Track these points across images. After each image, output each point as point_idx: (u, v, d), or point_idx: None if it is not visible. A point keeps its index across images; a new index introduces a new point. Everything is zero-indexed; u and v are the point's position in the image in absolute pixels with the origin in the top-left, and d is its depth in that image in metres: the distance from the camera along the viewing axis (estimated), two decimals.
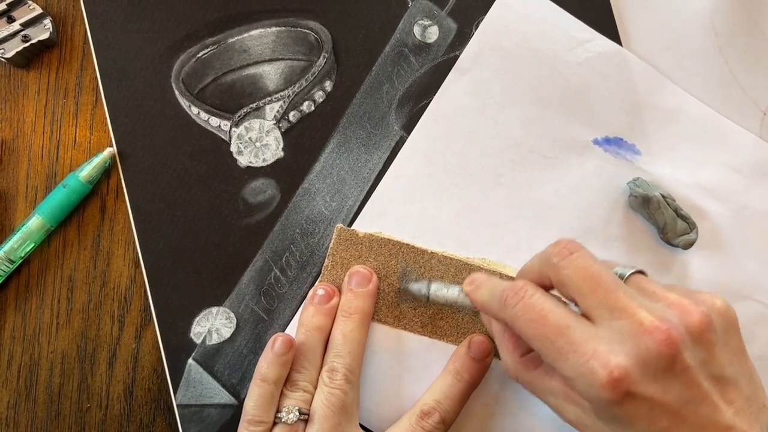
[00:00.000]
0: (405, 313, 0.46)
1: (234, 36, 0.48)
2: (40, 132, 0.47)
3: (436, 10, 0.48)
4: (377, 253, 0.46)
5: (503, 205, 0.47)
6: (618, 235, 0.47)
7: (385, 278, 0.46)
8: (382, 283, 0.46)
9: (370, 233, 0.46)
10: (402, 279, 0.46)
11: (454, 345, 0.46)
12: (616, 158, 0.47)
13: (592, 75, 0.47)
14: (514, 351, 0.39)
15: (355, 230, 0.47)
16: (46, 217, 0.45)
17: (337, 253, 0.46)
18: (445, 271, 0.46)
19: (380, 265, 0.46)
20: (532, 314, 0.35)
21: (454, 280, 0.46)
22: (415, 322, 0.46)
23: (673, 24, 0.48)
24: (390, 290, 0.46)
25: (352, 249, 0.46)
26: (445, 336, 0.46)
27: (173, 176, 0.47)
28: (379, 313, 0.46)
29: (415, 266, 0.46)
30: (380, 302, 0.46)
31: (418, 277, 0.46)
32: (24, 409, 0.47)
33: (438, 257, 0.46)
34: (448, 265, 0.46)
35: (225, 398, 0.46)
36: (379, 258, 0.46)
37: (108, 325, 0.47)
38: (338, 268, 0.46)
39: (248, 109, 0.47)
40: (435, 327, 0.46)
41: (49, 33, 0.46)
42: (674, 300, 0.34)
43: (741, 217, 0.47)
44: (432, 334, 0.46)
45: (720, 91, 0.48)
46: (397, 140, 0.47)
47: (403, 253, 0.46)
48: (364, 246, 0.46)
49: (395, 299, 0.46)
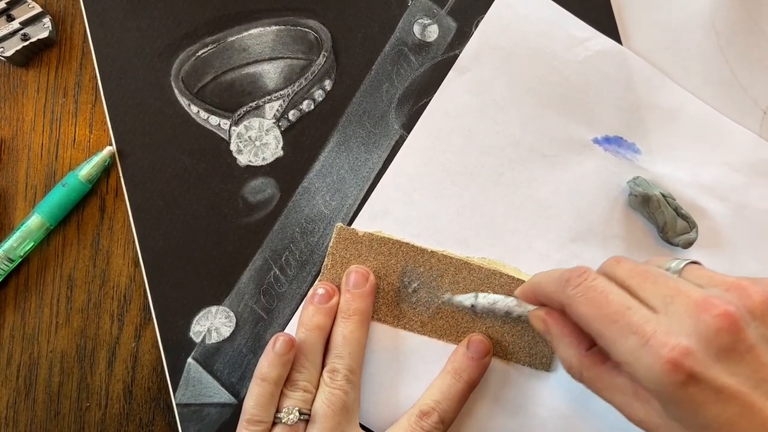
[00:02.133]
0: (405, 313, 0.46)
1: (234, 35, 0.48)
2: (39, 131, 0.47)
3: (435, 9, 0.48)
4: (377, 252, 0.46)
5: (503, 204, 0.47)
6: (618, 234, 0.47)
7: (385, 277, 0.46)
8: (381, 282, 0.46)
9: (369, 232, 0.46)
10: (402, 278, 0.46)
11: (454, 344, 0.46)
12: (615, 157, 0.47)
13: (592, 74, 0.47)
14: (579, 345, 0.38)
15: (354, 229, 0.46)
16: (46, 216, 0.45)
17: (337, 252, 0.46)
18: (445, 270, 0.46)
19: (380, 265, 0.46)
20: (593, 294, 0.34)
21: (453, 279, 0.46)
22: (414, 321, 0.46)
23: (674, 23, 0.48)
24: (390, 289, 0.46)
25: (351, 248, 0.46)
26: (444, 335, 0.46)
27: (173, 175, 0.47)
28: (379, 312, 0.46)
29: (415, 265, 0.46)
30: (380, 301, 0.46)
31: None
32: (23, 408, 0.46)
33: (438, 256, 0.46)
34: (448, 264, 0.46)
35: (224, 397, 0.46)
36: (379, 257, 0.46)
37: (107, 324, 0.47)
38: (338, 267, 0.46)
39: (248, 108, 0.47)
40: (435, 326, 0.46)
41: (48, 32, 0.46)
42: (732, 282, 0.33)
43: (741, 216, 0.47)
44: (431, 334, 0.46)
45: (720, 90, 0.48)
46: (396, 139, 0.47)
47: (403, 252, 0.46)
48: (363, 245, 0.46)
49: (395, 298, 0.46)
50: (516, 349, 0.45)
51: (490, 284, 0.46)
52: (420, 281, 0.46)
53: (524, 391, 0.46)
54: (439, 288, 0.46)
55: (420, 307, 0.46)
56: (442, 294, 0.46)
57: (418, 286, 0.46)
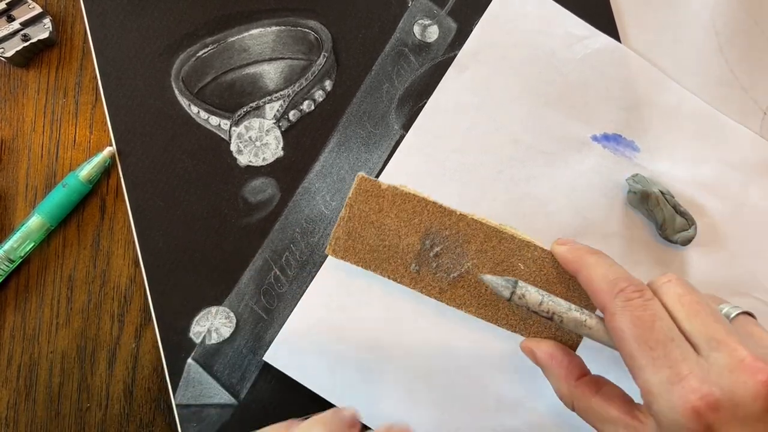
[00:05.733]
0: (423, 276, 0.44)
1: (234, 35, 0.48)
2: (39, 131, 0.48)
3: (436, 9, 0.48)
4: (400, 209, 0.44)
5: (502, 201, 0.47)
6: (617, 232, 0.47)
7: (406, 236, 0.44)
8: (401, 242, 0.44)
9: (394, 186, 0.44)
10: (424, 240, 0.44)
11: (473, 316, 0.44)
12: (614, 155, 0.47)
13: (591, 72, 0.47)
14: (568, 375, 0.38)
15: (377, 181, 0.45)
16: (46, 217, 0.45)
17: (356, 204, 0.44)
18: (473, 236, 0.44)
19: (401, 223, 0.44)
20: (642, 313, 0.33)
21: (482, 246, 0.44)
22: (433, 286, 0.44)
23: (673, 23, 0.49)
24: (409, 250, 0.44)
25: (372, 201, 0.44)
26: (464, 305, 0.44)
27: (173, 175, 0.47)
28: (396, 272, 0.44)
29: (440, 227, 0.44)
30: (398, 261, 0.44)
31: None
32: (24, 409, 0.46)
33: (467, 220, 0.44)
34: (477, 229, 0.44)
35: (224, 398, 0.46)
36: (402, 214, 0.44)
37: (108, 324, 0.47)
38: (355, 220, 0.44)
39: (248, 108, 0.47)
40: (454, 295, 0.44)
41: (48, 32, 0.46)
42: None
43: (740, 214, 0.47)
44: (450, 302, 0.44)
45: (720, 90, 0.48)
46: (397, 139, 0.47)
47: (429, 211, 0.44)
48: (386, 199, 0.44)
49: (414, 259, 0.44)
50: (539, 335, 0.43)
51: (521, 256, 0.44)
52: (444, 245, 0.44)
53: (524, 389, 0.46)
54: (464, 255, 0.44)
55: (440, 273, 0.44)
56: (466, 261, 0.43)
57: (440, 250, 0.44)
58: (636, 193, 0.45)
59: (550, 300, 0.40)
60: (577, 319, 0.39)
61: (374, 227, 0.45)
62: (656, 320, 0.33)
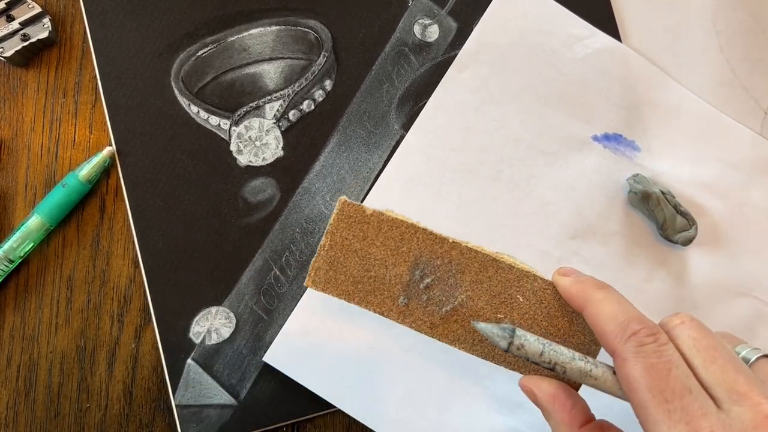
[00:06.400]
0: (413, 310, 0.41)
1: (234, 35, 0.48)
2: (39, 131, 0.47)
3: (436, 9, 0.48)
4: (386, 236, 0.41)
5: (502, 201, 0.46)
6: (617, 232, 0.46)
7: (394, 266, 0.41)
8: (388, 272, 0.41)
9: (380, 211, 0.41)
10: (413, 270, 0.41)
11: (467, 353, 0.41)
12: (615, 154, 0.47)
13: (591, 71, 0.47)
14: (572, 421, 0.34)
15: (361, 206, 0.41)
16: (46, 217, 0.45)
17: (338, 231, 0.41)
18: (468, 265, 0.40)
19: (389, 251, 0.41)
20: (656, 360, 0.31)
21: (477, 277, 0.40)
22: (423, 321, 0.41)
23: (674, 23, 0.48)
24: (397, 282, 0.41)
25: (356, 228, 0.41)
26: (457, 341, 0.40)
27: (172, 175, 0.47)
28: (383, 305, 0.41)
29: (431, 256, 0.40)
30: (384, 294, 0.41)
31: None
32: (23, 409, 0.46)
33: (461, 248, 0.40)
34: (471, 258, 0.40)
35: (224, 398, 0.46)
36: (388, 242, 0.41)
37: (107, 324, 0.47)
38: (337, 249, 0.41)
39: (248, 108, 0.47)
40: (447, 330, 0.40)
41: (48, 32, 0.46)
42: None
43: (740, 214, 0.47)
44: (442, 337, 0.41)
45: (721, 90, 0.48)
46: (397, 139, 0.47)
47: (418, 239, 0.41)
48: (371, 226, 0.41)
49: (402, 292, 0.41)
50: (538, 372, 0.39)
51: (520, 288, 0.40)
52: (435, 276, 0.41)
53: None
54: (458, 286, 0.40)
55: (431, 307, 0.41)
56: (460, 293, 0.40)
57: (431, 281, 0.41)
58: (637, 192, 0.45)
59: (552, 349, 0.36)
60: (581, 369, 0.35)
61: (358, 256, 0.41)
62: (672, 368, 0.30)
